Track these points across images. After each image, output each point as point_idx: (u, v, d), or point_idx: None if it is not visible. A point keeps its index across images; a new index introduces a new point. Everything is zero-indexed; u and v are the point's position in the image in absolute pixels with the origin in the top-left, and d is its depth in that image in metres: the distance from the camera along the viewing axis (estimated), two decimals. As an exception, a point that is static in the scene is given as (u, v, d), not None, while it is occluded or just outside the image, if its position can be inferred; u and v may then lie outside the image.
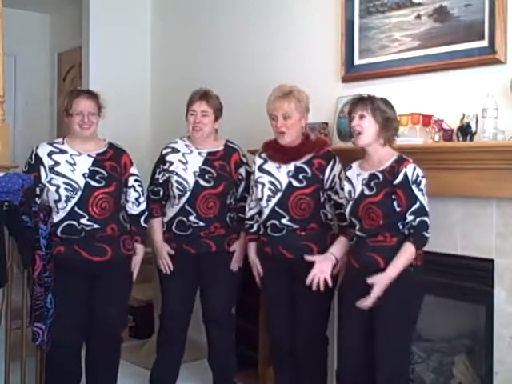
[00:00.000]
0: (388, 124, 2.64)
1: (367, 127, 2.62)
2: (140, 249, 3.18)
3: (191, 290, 3.30)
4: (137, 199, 3.15)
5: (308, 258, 2.80)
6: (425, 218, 2.56)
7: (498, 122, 2.69)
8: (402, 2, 3.15)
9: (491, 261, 2.75)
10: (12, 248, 2.86)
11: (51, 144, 3.08)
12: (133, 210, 3.16)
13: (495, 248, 2.73)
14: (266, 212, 3.04)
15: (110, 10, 4.86)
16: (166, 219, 3.28)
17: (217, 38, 4.36)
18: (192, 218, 3.17)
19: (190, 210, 3.17)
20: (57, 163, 2.99)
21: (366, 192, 2.65)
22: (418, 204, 2.56)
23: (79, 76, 5.25)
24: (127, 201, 3.15)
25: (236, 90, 4.03)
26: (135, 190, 3.15)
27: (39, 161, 3.00)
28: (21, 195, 2.80)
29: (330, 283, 2.74)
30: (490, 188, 2.68)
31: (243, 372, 3.74)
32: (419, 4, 3.08)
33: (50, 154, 3.01)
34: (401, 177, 2.57)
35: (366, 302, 2.52)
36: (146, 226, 3.21)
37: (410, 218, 2.56)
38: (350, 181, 2.76)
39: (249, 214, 3.18)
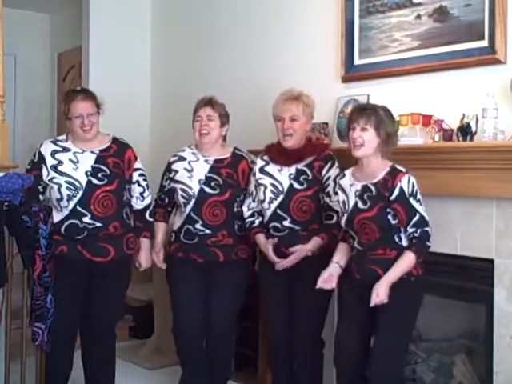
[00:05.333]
0: (389, 139, 2.62)
1: (368, 140, 2.59)
2: (145, 243, 3.14)
3: (201, 300, 3.19)
4: (141, 194, 3.14)
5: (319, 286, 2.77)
6: (426, 229, 2.58)
7: (497, 122, 2.69)
8: (402, 2, 3.15)
9: (491, 261, 2.75)
10: (12, 248, 2.87)
11: (55, 142, 3.08)
12: (137, 204, 3.15)
13: (495, 248, 2.73)
14: (268, 214, 3.04)
15: (110, 10, 4.86)
16: (174, 228, 3.24)
17: (217, 38, 4.36)
18: (198, 225, 3.12)
19: (196, 217, 3.12)
20: (60, 162, 3.01)
21: (360, 205, 2.64)
22: (417, 216, 2.57)
23: (79, 76, 5.24)
24: (131, 196, 3.14)
25: (236, 89, 4.03)
26: (139, 185, 3.14)
27: (42, 159, 3.02)
28: (21, 195, 2.81)
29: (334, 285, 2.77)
30: (490, 188, 2.67)
31: (242, 372, 3.74)
32: (419, 4, 3.08)
33: (53, 154, 3.03)
34: (397, 192, 2.56)
35: (372, 303, 2.55)
36: (151, 220, 3.18)
37: (411, 230, 2.58)
38: (343, 190, 2.75)
39: (248, 213, 3.15)
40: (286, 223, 2.99)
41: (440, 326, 3.11)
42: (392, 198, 2.57)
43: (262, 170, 3.10)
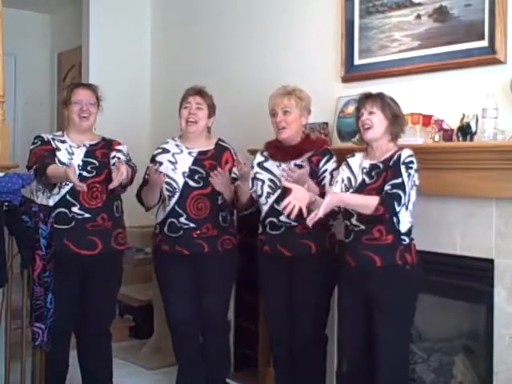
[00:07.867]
0: (396, 120, 2.67)
1: (377, 122, 2.65)
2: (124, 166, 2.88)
3: (189, 290, 3.24)
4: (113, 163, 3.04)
5: (285, 183, 2.70)
6: (400, 192, 2.51)
7: (497, 121, 2.69)
8: (402, 2, 3.15)
9: (491, 261, 2.75)
10: (12, 248, 2.87)
11: (52, 135, 3.19)
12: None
13: (495, 248, 2.73)
14: (265, 209, 3.05)
15: (110, 10, 4.87)
16: (158, 220, 3.24)
17: (217, 38, 4.36)
18: (182, 219, 3.13)
19: (180, 211, 3.12)
20: (57, 148, 3.08)
21: (367, 181, 2.67)
22: (399, 180, 2.53)
23: (79, 76, 5.26)
24: None
25: (236, 89, 4.03)
26: (114, 157, 3.08)
27: (48, 139, 3.11)
28: (21, 195, 2.81)
29: (304, 213, 2.54)
30: (490, 188, 2.68)
31: (243, 372, 3.74)
32: (419, 4, 3.08)
33: (52, 139, 3.12)
34: (394, 158, 2.60)
35: (311, 216, 2.48)
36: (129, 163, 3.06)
37: (387, 187, 2.54)
38: (349, 167, 2.77)
39: None
40: (283, 218, 2.98)
41: (440, 325, 3.11)
42: (390, 163, 2.59)
43: (260, 166, 3.12)
